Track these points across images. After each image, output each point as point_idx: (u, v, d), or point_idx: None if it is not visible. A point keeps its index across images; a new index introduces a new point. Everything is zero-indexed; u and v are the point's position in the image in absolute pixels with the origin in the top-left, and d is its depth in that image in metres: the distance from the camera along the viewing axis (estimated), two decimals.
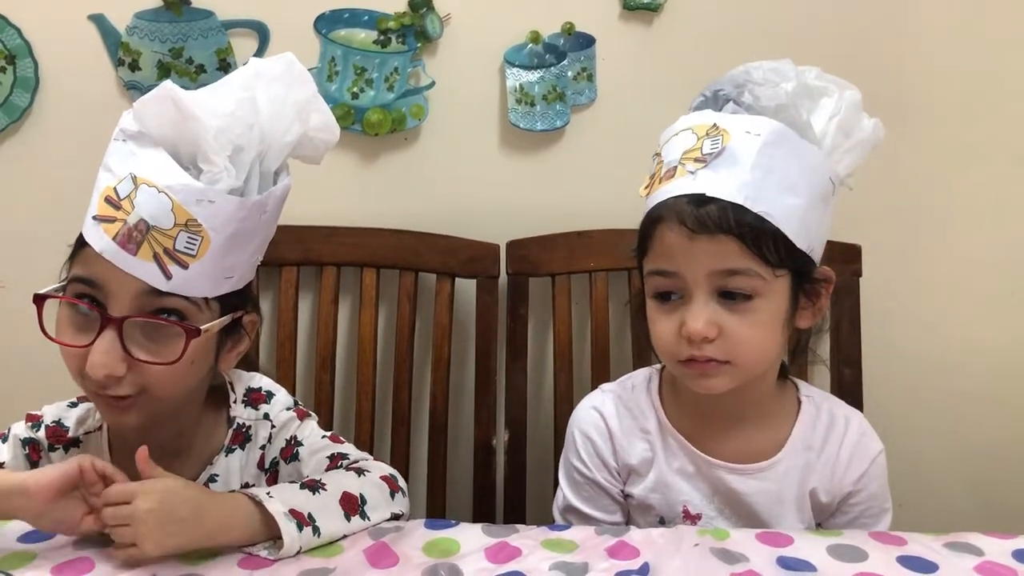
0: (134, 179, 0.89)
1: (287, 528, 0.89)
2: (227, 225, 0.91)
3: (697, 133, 0.97)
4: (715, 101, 1.02)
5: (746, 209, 0.93)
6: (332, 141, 1.00)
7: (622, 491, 1.11)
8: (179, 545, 0.87)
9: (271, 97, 0.94)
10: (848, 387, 1.42)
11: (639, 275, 1.05)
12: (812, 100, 0.99)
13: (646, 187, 1.02)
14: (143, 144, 0.90)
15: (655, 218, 0.97)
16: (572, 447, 1.12)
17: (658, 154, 1.02)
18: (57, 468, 0.88)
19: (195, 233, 0.89)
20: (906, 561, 0.89)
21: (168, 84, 0.90)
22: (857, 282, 1.45)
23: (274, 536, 0.89)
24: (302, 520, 0.90)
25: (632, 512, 1.12)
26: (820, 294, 1.02)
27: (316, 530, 0.91)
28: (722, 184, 0.94)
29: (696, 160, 0.95)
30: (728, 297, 0.96)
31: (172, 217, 0.88)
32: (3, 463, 1.03)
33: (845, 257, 1.44)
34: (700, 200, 0.94)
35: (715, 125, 0.97)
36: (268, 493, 0.92)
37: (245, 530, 0.90)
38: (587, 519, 1.11)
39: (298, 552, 0.89)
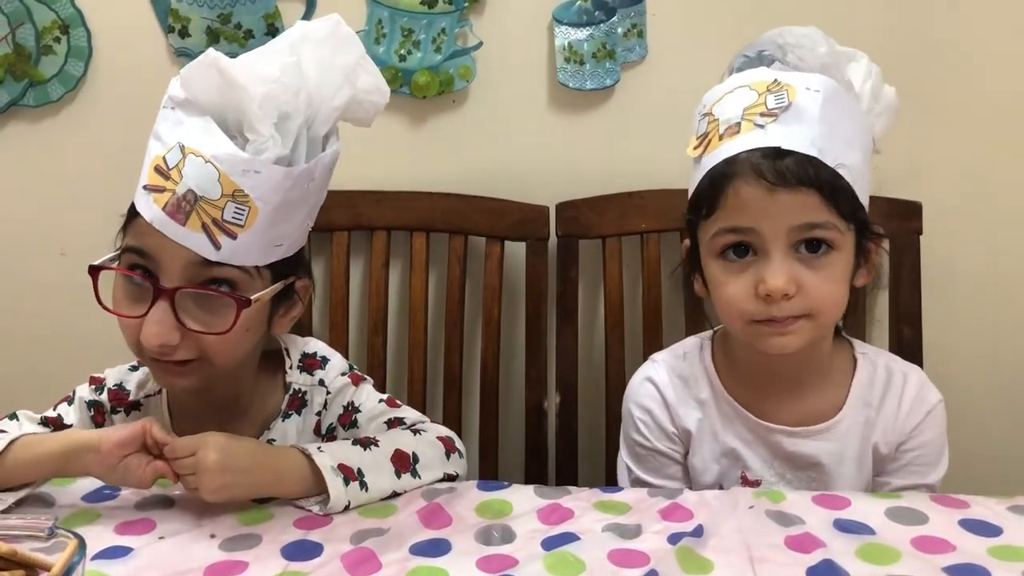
0: (182, 148, 0.89)
1: (333, 482, 0.91)
2: (274, 195, 0.91)
3: (756, 89, 0.96)
4: (759, 61, 1.01)
5: (822, 162, 0.92)
6: (382, 103, 0.99)
7: (685, 455, 1.10)
8: (234, 496, 0.91)
9: (318, 61, 0.93)
10: (908, 346, 1.39)
11: (691, 238, 1.03)
12: (845, 64, 0.99)
13: (697, 146, 0.99)
14: (190, 112, 0.91)
15: (725, 174, 0.95)
16: (631, 421, 1.11)
17: (708, 113, 0.99)
18: (125, 427, 0.92)
19: (242, 203, 0.90)
20: (968, 524, 0.87)
21: (212, 52, 0.90)
22: (917, 240, 1.41)
23: (324, 490, 0.91)
24: (349, 475, 0.92)
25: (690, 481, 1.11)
26: (871, 252, 1.01)
27: (364, 485, 0.93)
28: (795, 137, 0.93)
29: (763, 115, 0.94)
30: (810, 250, 0.94)
31: (219, 187, 0.89)
32: (72, 424, 1.06)
33: (905, 214, 1.40)
34: (776, 153, 0.93)
35: (776, 81, 0.96)
36: (319, 448, 0.94)
37: (297, 483, 0.93)
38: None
39: (347, 507, 0.91)
